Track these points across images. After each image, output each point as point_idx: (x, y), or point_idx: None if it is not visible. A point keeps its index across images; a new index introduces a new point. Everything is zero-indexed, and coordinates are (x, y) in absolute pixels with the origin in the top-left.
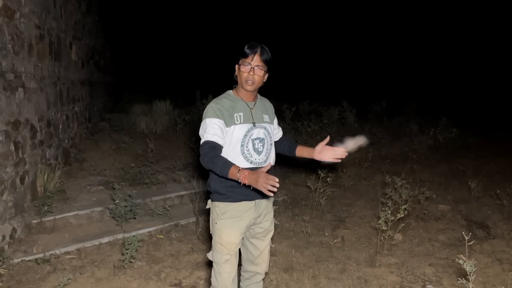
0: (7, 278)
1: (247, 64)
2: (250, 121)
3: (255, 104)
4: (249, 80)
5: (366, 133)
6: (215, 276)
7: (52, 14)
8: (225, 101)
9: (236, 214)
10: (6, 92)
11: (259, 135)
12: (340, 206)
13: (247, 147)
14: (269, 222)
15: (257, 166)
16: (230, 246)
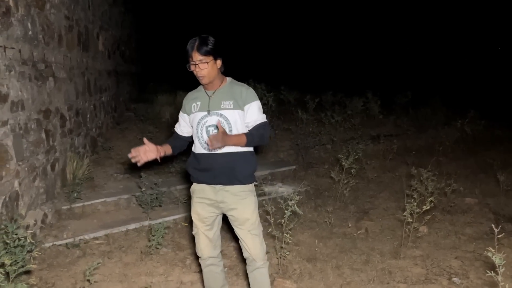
0: (39, 261)
1: (191, 63)
2: (205, 109)
3: (214, 92)
4: (199, 76)
5: (391, 124)
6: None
7: (81, 5)
8: (193, 94)
9: (200, 194)
10: (37, 81)
11: (213, 122)
12: (364, 198)
13: (201, 134)
14: (239, 210)
15: (211, 153)
16: (195, 221)
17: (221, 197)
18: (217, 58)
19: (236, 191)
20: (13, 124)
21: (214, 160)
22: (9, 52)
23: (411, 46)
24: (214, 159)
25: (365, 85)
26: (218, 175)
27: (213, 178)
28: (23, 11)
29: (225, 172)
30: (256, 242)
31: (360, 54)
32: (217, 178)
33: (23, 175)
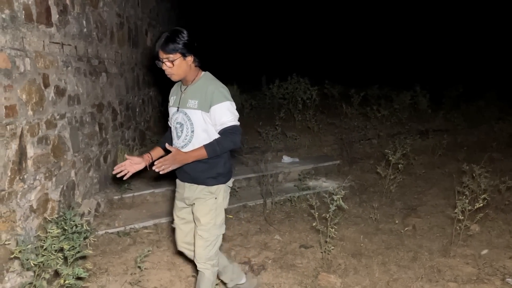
0: (93, 248)
1: (159, 61)
2: (176, 104)
3: (186, 88)
4: (167, 74)
5: (440, 119)
6: None
7: (131, 2)
8: (174, 87)
9: (177, 189)
10: (91, 76)
11: (179, 120)
12: (411, 194)
13: (173, 129)
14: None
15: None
16: (174, 214)
17: (187, 193)
18: (187, 55)
19: (198, 191)
20: (70, 117)
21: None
22: (66, 49)
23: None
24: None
25: (413, 79)
26: (183, 173)
27: (181, 175)
28: (78, 9)
29: (190, 172)
30: (200, 243)
31: (408, 46)
32: (182, 175)
33: (79, 165)
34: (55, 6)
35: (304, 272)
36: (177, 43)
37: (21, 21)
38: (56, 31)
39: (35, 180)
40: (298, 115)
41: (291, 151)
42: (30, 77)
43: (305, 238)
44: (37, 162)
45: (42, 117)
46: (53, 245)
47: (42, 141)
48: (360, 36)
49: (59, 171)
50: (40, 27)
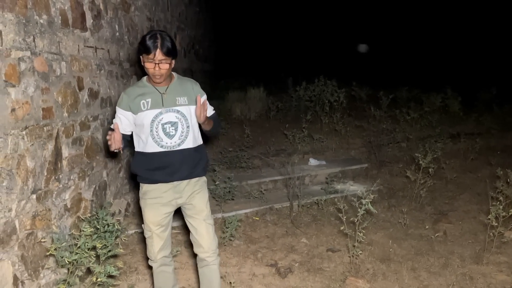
0: (124, 247)
1: (150, 61)
2: (159, 106)
3: (167, 88)
4: (157, 75)
5: (472, 122)
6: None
7: (160, 6)
8: (135, 90)
9: (154, 195)
10: (123, 79)
11: (170, 119)
12: (442, 199)
13: (157, 132)
14: (196, 201)
15: (169, 150)
16: (150, 224)
17: (178, 193)
18: (175, 58)
19: (193, 184)
20: (102, 119)
21: (172, 157)
22: (99, 53)
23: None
24: (172, 156)
25: (444, 81)
26: (177, 171)
27: (171, 175)
28: (111, 14)
29: (183, 167)
30: (211, 231)
31: (440, 47)
32: (176, 174)
33: (110, 166)
34: (90, 11)
35: (332, 276)
36: (174, 47)
37: (57, 26)
38: (90, 35)
39: (69, 180)
40: (325, 118)
41: (317, 153)
42: (65, 80)
43: (332, 242)
44: (71, 163)
45: (76, 118)
46: (86, 243)
47: (76, 142)
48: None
49: (92, 171)
50: (76, 32)
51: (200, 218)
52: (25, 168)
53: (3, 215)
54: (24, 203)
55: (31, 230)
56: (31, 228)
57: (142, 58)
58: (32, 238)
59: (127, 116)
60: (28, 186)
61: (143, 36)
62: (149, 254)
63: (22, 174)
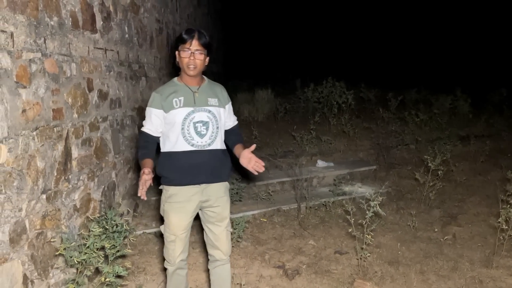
0: (132, 247)
1: (186, 50)
2: (191, 104)
3: (199, 87)
4: (191, 65)
5: (482, 124)
6: (164, 249)
7: (169, 8)
8: (166, 88)
9: (181, 198)
10: (132, 81)
11: (201, 118)
12: (451, 202)
13: (188, 130)
14: (221, 207)
15: (199, 149)
16: (175, 228)
17: (206, 196)
18: (209, 54)
19: (219, 188)
20: (112, 120)
21: (202, 157)
22: (109, 54)
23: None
24: (202, 155)
25: (453, 82)
26: (205, 172)
27: (198, 177)
28: (121, 16)
29: (212, 169)
30: (229, 238)
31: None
32: (204, 176)
33: (119, 167)
34: (100, 13)
35: (339, 278)
36: (208, 40)
37: (68, 28)
38: (100, 37)
39: (78, 180)
40: (333, 119)
41: (325, 155)
42: (75, 81)
43: (340, 244)
44: (81, 163)
45: (86, 119)
46: (95, 243)
47: (85, 142)
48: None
49: (101, 172)
50: (86, 34)
51: (222, 226)
52: (36, 169)
53: (13, 215)
54: (34, 203)
55: (41, 230)
56: (41, 228)
57: (178, 53)
58: (41, 238)
59: (159, 115)
60: (38, 186)
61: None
62: (168, 257)
63: (33, 174)
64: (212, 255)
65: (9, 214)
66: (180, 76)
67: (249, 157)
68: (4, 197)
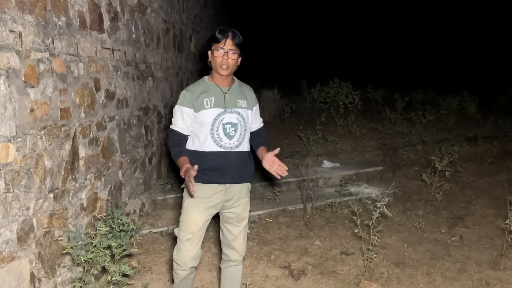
0: (138, 246)
1: (220, 49)
2: (221, 105)
3: (229, 88)
4: (224, 65)
5: (490, 125)
6: (176, 251)
7: (176, 8)
8: (197, 87)
9: (204, 195)
10: (139, 80)
11: (231, 120)
12: (458, 203)
13: (217, 131)
14: (241, 208)
15: (227, 151)
16: (193, 225)
17: (229, 195)
18: (241, 55)
19: (242, 189)
20: (118, 120)
21: (229, 158)
22: (116, 54)
23: None
24: (229, 156)
25: (461, 83)
26: (231, 173)
27: (225, 176)
28: (128, 16)
29: (238, 170)
30: (245, 239)
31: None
32: (229, 176)
33: (125, 166)
34: (107, 13)
35: (345, 279)
36: (242, 40)
37: (75, 28)
38: (107, 37)
39: (85, 179)
40: (340, 120)
41: (332, 156)
42: (83, 81)
43: (346, 245)
44: (88, 162)
45: (93, 119)
46: (101, 242)
47: (93, 142)
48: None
49: (107, 171)
50: (93, 34)
51: (241, 227)
52: (43, 168)
53: (21, 214)
54: (42, 202)
55: (48, 229)
56: (48, 226)
57: (211, 52)
58: (49, 237)
59: (190, 113)
60: (45, 185)
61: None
62: (180, 260)
63: (40, 173)
64: (227, 255)
65: (17, 213)
66: (211, 75)
67: (273, 160)
68: (12, 196)
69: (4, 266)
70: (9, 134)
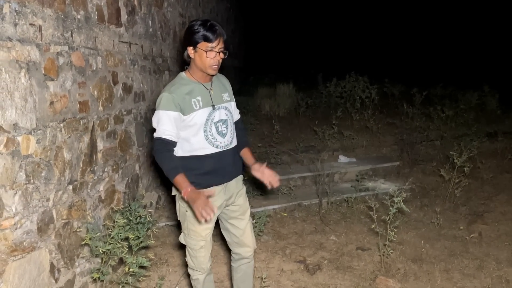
0: (155, 239)
1: (210, 49)
2: (209, 103)
3: (211, 84)
4: (215, 65)
5: (510, 120)
6: (191, 259)
7: (192, 2)
8: (180, 88)
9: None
10: (155, 74)
11: (221, 117)
12: (477, 200)
13: (211, 132)
14: (243, 198)
15: (223, 150)
16: (203, 232)
17: (229, 193)
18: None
19: (238, 182)
20: (135, 113)
21: (225, 157)
22: (133, 48)
23: None
24: (225, 155)
25: (481, 78)
26: (229, 171)
27: (223, 177)
28: (145, 10)
29: (232, 166)
30: (253, 230)
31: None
32: (228, 175)
33: (142, 159)
34: (125, 7)
35: (361, 274)
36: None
37: (94, 22)
38: (124, 31)
39: (103, 172)
40: (356, 115)
41: (348, 151)
42: (101, 74)
43: (362, 240)
44: (105, 155)
45: (111, 112)
46: (119, 234)
47: (110, 135)
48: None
49: (125, 164)
50: (111, 27)
51: (246, 218)
52: (62, 160)
53: (41, 205)
54: (61, 194)
55: (67, 220)
56: (67, 218)
57: (197, 49)
58: (68, 228)
59: (177, 118)
60: (65, 177)
61: (193, 25)
62: (198, 266)
63: (60, 165)
64: (238, 253)
65: (37, 204)
66: (190, 72)
67: (262, 170)
68: (33, 187)
69: (25, 256)
70: (29, 126)
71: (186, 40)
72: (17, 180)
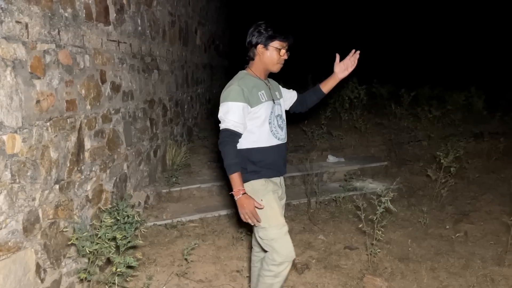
0: (143, 239)
1: (285, 48)
2: (270, 98)
3: (269, 81)
4: (280, 64)
5: (496, 121)
6: (281, 250)
7: (182, 1)
8: (247, 82)
9: (273, 188)
10: (144, 73)
11: (279, 112)
12: (464, 199)
13: (274, 124)
14: (284, 200)
15: (282, 143)
16: (280, 215)
17: (281, 188)
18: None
19: (283, 179)
20: (124, 112)
21: (282, 151)
22: (122, 46)
23: None
24: (282, 149)
25: (468, 79)
26: (283, 164)
27: (281, 169)
28: (134, 8)
29: (285, 160)
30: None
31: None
32: (283, 168)
33: (131, 159)
34: (113, 5)
35: (349, 273)
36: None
37: (81, 20)
38: (113, 29)
39: (91, 171)
40: (345, 115)
41: (336, 150)
42: (89, 73)
43: (350, 240)
44: (93, 154)
45: (99, 111)
46: (106, 234)
47: (98, 134)
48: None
49: (113, 163)
50: (99, 26)
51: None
52: (49, 159)
53: (27, 204)
54: (48, 193)
55: (53, 220)
56: (53, 217)
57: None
58: (54, 227)
59: (244, 108)
60: (51, 177)
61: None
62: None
63: (46, 164)
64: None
65: (23, 203)
66: (251, 69)
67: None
68: (18, 187)
69: (10, 256)
70: (15, 125)
71: (257, 38)
72: (2, 180)
